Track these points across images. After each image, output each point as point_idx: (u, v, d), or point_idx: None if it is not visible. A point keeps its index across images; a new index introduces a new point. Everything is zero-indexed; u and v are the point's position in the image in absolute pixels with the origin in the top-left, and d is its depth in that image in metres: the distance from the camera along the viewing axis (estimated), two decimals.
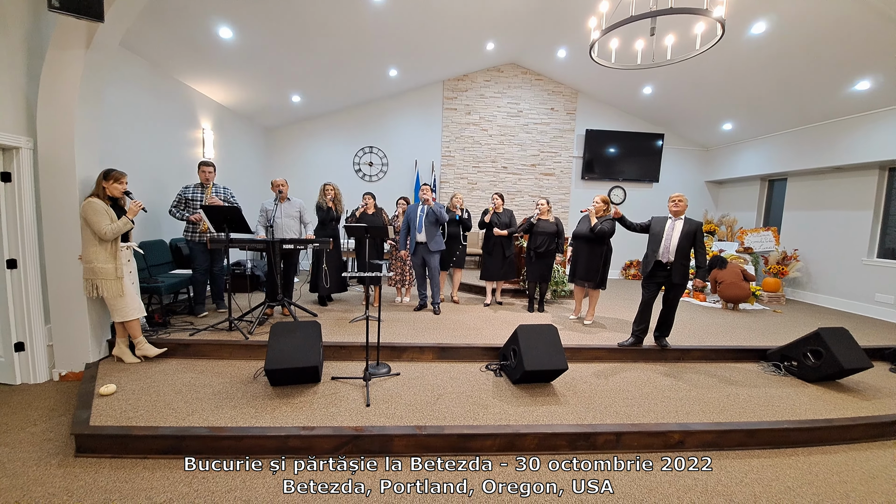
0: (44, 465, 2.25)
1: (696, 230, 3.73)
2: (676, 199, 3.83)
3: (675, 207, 3.82)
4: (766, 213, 7.86)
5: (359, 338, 3.79)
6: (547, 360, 3.15)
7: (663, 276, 3.82)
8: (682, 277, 3.76)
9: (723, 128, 7.54)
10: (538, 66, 7.88)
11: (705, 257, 3.86)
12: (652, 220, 3.97)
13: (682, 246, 3.72)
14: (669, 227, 3.81)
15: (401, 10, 4.99)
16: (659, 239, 3.82)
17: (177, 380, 3.11)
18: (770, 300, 6.34)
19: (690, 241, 3.73)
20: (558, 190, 8.49)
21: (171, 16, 4.04)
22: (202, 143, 5.72)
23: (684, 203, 3.82)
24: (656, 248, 3.83)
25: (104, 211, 3.07)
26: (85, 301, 3.25)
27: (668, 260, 3.77)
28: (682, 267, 3.75)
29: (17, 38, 3.00)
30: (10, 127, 2.98)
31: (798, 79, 5.47)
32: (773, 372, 3.76)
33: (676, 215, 3.82)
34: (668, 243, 3.76)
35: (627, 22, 2.82)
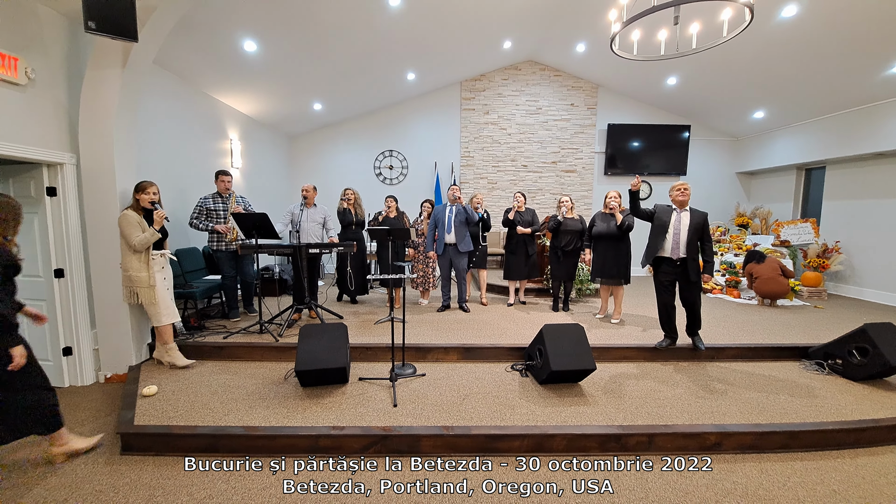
0: (91, 464, 2.38)
1: (704, 221, 3.54)
2: (682, 187, 3.60)
3: (681, 197, 3.58)
4: (804, 204, 7.47)
5: (384, 339, 3.84)
6: (574, 359, 3.10)
7: (676, 274, 3.63)
8: (696, 273, 3.55)
9: (753, 116, 7.23)
10: (556, 62, 7.78)
11: (713, 251, 3.63)
12: (656, 208, 3.75)
13: (691, 240, 3.53)
14: (676, 219, 3.59)
15: (416, 14, 5.03)
16: (664, 231, 3.61)
17: (212, 381, 3.23)
18: (810, 295, 6.03)
19: (699, 234, 3.54)
20: (580, 187, 8.34)
21: (199, 32, 4.21)
22: (230, 154, 5.92)
23: (690, 192, 3.61)
24: (661, 240, 3.62)
25: (136, 223, 3.20)
26: (126, 307, 3.42)
27: (679, 256, 3.56)
28: (694, 262, 3.55)
29: (58, 59, 3.20)
30: (54, 144, 3.18)
31: (833, 62, 5.19)
32: (816, 371, 3.57)
33: (682, 206, 3.61)
34: (678, 238, 3.56)
35: (650, 12, 2.75)
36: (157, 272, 3.34)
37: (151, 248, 3.31)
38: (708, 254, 3.59)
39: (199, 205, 4.30)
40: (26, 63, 2.92)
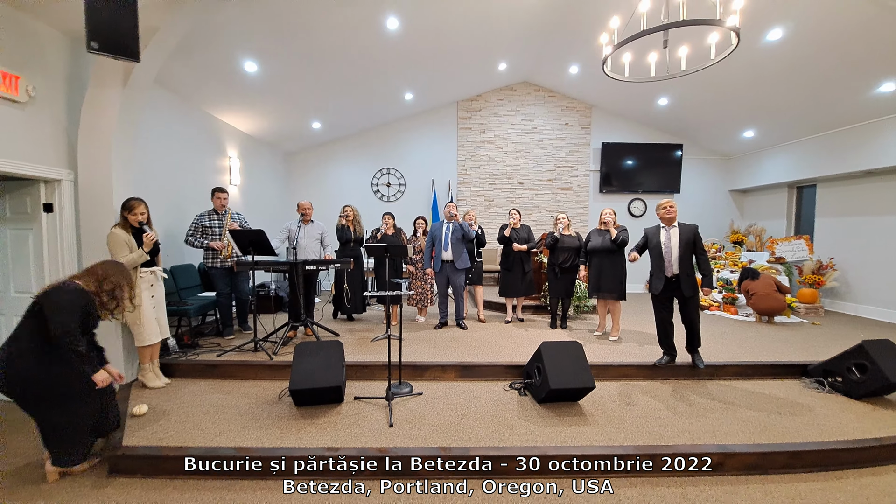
0: (78, 486, 2.29)
1: (695, 235, 3.58)
2: (667, 205, 3.66)
3: (667, 214, 3.65)
4: (797, 221, 7.57)
5: (380, 357, 3.78)
6: (573, 378, 3.06)
7: (671, 290, 3.65)
8: (692, 288, 3.57)
9: (744, 135, 7.38)
10: (551, 83, 7.96)
11: (709, 264, 3.67)
12: (645, 233, 3.80)
13: (683, 255, 3.56)
14: (665, 237, 3.65)
15: (414, 36, 5.16)
16: (659, 252, 3.66)
17: (205, 400, 3.16)
18: (807, 312, 6.04)
19: (691, 248, 3.57)
20: (576, 204, 8.42)
21: (200, 53, 4.28)
22: (229, 171, 5.95)
23: (676, 209, 3.67)
24: (661, 262, 3.65)
25: (123, 242, 3.11)
26: (117, 325, 3.36)
27: (673, 273, 3.61)
28: (689, 277, 3.58)
29: (59, 77, 3.25)
30: (52, 161, 3.19)
31: (821, 83, 5.34)
32: (816, 388, 3.54)
33: (669, 223, 3.67)
34: (669, 256, 3.60)
35: (639, 36, 2.84)
36: (144, 290, 3.26)
37: (140, 267, 3.22)
38: (704, 267, 3.61)
39: (194, 222, 4.29)
40: (27, 81, 2.96)
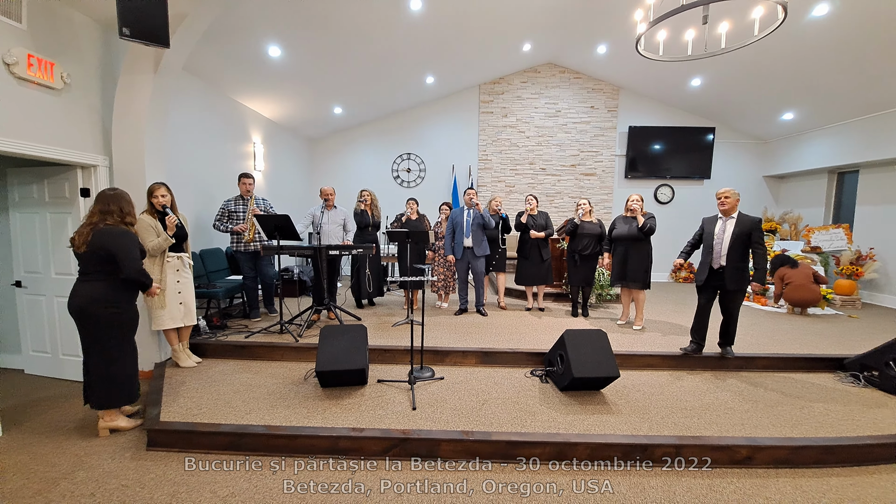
0: (118, 458, 2.43)
1: (752, 229, 3.39)
2: (722, 195, 3.49)
3: (722, 206, 3.50)
4: (836, 209, 7.19)
5: (401, 341, 3.83)
6: (597, 366, 3.03)
7: (715, 282, 3.53)
8: (737, 283, 3.42)
9: (782, 118, 6.99)
10: (576, 65, 7.70)
11: (765, 258, 3.46)
12: (703, 223, 3.67)
13: (733, 248, 3.41)
14: (720, 228, 3.50)
15: (437, 17, 5.04)
16: (710, 242, 3.53)
17: (235, 380, 3.28)
18: (844, 304, 5.78)
19: (745, 241, 3.40)
20: (600, 190, 8.21)
21: (225, 39, 4.31)
22: (253, 157, 6.04)
23: (733, 199, 3.46)
24: (710, 253, 3.53)
25: (150, 227, 3.19)
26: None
27: (720, 265, 3.47)
28: (735, 271, 3.42)
29: (92, 64, 3.32)
30: (89, 147, 3.29)
31: (867, 62, 4.98)
32: (852, 383, 3.41)
33: (727, 214, 3.51)
34: (719, 247, 3.46)
35: (678, 11, 2.68)
36: (170, 274, 3.33)
37: (167, 251, 3.30)
38: (758, 261, 3.44)
39: (222, 207, 4.43)
40: (62, 68, 3.03)
